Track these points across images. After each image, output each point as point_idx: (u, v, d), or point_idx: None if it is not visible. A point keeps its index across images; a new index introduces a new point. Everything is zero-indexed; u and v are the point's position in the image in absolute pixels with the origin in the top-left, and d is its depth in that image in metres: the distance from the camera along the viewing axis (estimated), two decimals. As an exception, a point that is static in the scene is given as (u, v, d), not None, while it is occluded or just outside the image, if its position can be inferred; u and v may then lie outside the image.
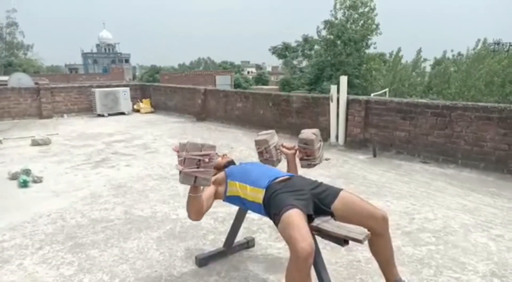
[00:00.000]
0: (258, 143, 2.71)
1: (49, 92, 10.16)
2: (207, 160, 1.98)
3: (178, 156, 1.99)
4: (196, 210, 2.11)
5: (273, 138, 2.72)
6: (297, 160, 2.65)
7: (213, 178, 2.29)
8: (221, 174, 2.35)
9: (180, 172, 1.98)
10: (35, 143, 6.55)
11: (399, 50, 25.42)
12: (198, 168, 1.97)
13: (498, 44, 27.67)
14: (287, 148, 2.64)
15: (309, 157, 2.58)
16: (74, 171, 4.96)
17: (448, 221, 3.28)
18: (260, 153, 2.72)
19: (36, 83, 10.83)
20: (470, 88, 20.82)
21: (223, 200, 2.36)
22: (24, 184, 4.30)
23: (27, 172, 4.52)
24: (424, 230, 3.11)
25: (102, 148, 6.36)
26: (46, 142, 6.63)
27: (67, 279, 2.45)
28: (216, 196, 2.31)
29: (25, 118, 9.71)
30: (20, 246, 2.90)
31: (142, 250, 2.82)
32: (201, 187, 2.08)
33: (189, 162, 1.97)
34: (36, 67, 39.99)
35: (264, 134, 2.73)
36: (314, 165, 2.63)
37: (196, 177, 1.97)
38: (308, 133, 2.60)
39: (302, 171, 2.61)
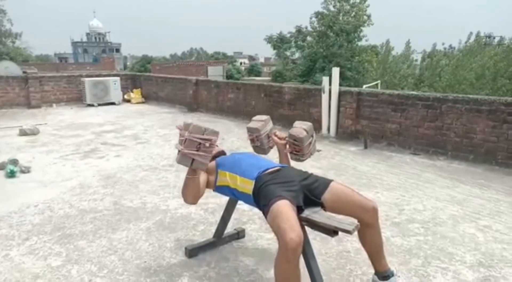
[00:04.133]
0: (250, 130, 2.65)
1: (38, 81, 9.97)
2: (207, 144, 1.97)
3: (180, 135, 1.98)
4: (193, 192, 2.12)
5: (266, 126, 2.64)
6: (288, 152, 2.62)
7: None
8: (211, 164, 2.34)
9: (179, 151, 1.96)
10: (23, 133, 6.45)
11: (387, 41, 25.46)
12: (197, 151, 1.96)
13: (490, 37, 27.85)
14: (278, 138, 2.58)
15: (298, 153, 2.53)
16: (63, 161, 4.90)
17: (436, 212, 3.31)
18: (251, 140, 2.68)
19: (24, 72, 10.64)
20: (461, 81, 20.97)
21: (213, 190, 2.35)
22: (12, 174, 4.23)
23: (14, 162, 4.45)
24: (413, 221, 3.14)
25: (92, 138, 6.28)
26: (34, 132, 6.53)
27: (54, 270, 2.42)
28: (207, 185, 2.30)
29: (12, 108, 9.54)
30: (6, 237, 2.86)
31: (131, 241, 2.80)
32: (198, 171, 2.07)
33: (190, 144, 1.95)
34: (25, 55, 39.23)
35: (257, 121, 2.65)
36: (303, 160, 2.57)
37: (193, 159, 1.96)
38: (299, 129, 2.51)
39: (293, 162, 2.59)
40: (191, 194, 2.14)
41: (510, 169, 4.51)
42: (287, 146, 2.55)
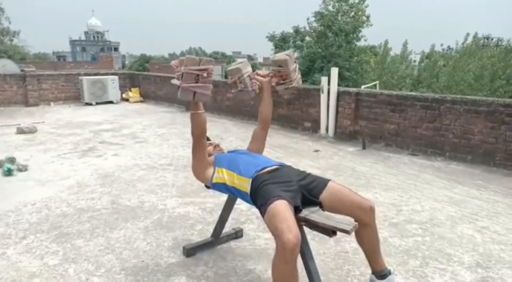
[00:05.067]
0: (230, 72, 2.45)
1: (36, 79, 9.94)
2: (205, 74, 1.94)
3: (176, 72, 1.96)
4: (201, 127, 2.16)
5: (246, 67, 2.48)
6: (275, 90, 2.55)
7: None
8: (211, 158, 2.34)
9: (179, 87, 1.94)
10: (20, 131, 6.42)
11: (386, 42, 25.46)
12: (196, 83, 1.94)
13: (488, 38, 27.92)
14: (262, 76, 2.52)
15: (285, 81, 2.44)
16: (61, 160, 4.88)
17: (434, 213, 3.31)
18: (234, 84, 2.47)
19: (22, 70, 10.59)
20: (458, 82, 21.01)
21: (209, 187, 2.33)
22: (9, 173, 4.21)
23: (11, 160, 4.43)
24: (411, 222, 3.14)
25: (90, 137, 6.26)
26: (31, 130, 6.50)
27: (51, 269, 2.41)
28: (204, 179, 2.29)
29: (10, 106, 9.50)
30: (3, 236, 2.84)
31: (129, 240, 2.79)
32: (201, 103, 2.08)
33: (187, 77, 1.93)
34: (23, 54, 39.05)
35: (236, 63, 2.52)
36: (292, 88, 2.49)
37: (195, 92, 1.94)
38: (280, 54, 2.43)
39: (290, 161, 2.59)
40: (199, 129, 2.17)
41: (508, 170, 4.52)
42: (272, 78, 2.49)
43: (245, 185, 2.10)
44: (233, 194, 2.26)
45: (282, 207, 1.83)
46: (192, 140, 2.24)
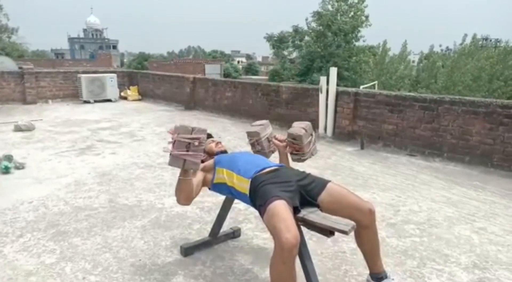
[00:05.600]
0: (249, 134, 2.65)
1: (34, 77, 9.90)
2: (196, 143, 1.97)
3: (171, 138, 1.99)
4: (185, 194, 2.12)
5: (266, 130, 2.64)
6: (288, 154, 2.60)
7: (202, 165, 2.27)
8: (210, 162, 2.34)
9: (170, 154, 1.97)
10: (18, 128, 6.41)
11: (385, 42, 25.51)
12: (187, 151, 1.97)
13: (486, 39, 27.99)
14: (279, 141, 2.58)
15: (298, 152, 2.52)
16: (58, 158, 4.86)
17: (432, 214, 3.32)
18: (252, 145, 2.67)
19: (20, 68, 10.55)
20: (456, 83, 21.07)
21: (210, 188, 2.34)
22: (6, 170, 4.20)
23: (9, 158, 4.41)
24: (409, 222, 3.14)
25: (88, 135, 6.25)
26: (29, 128, 6.48)
27: (48, 267, 2.40)
28: (204, 183, 2.30)
29: (8, 103, 9.46)
30: (0, 234, 2.83)
31: (126, 239, 2.78)
32: (191, 171, 2.08)
33: (179, 145, 1.96)
34: (21, 51, 38.92)
35: (256, 125, 2.65)
36: (304, 160, 2.57)
37: (185, 160, 1.97)
38: (297, 128, 2.50)
39: (293, 163, 2.58)
40: (183, 195, 2.13)
41: (505, 172, 4.53)
42: (288, 147, 2.54)
43: (244, 185, 2.10)
44: (232, 195, 2.26)
45: (281, 207, 1.83)
46: (177, 200, 2.18)
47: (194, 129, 1.98)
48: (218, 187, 2.28)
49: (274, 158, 2.58)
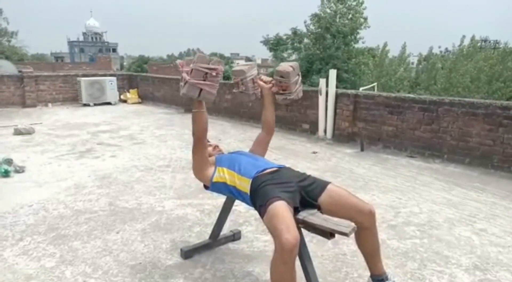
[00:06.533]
0: (235, 73, 2.49)
1: (33, 80, 9.91)
2: (214, 74, 1.96)
3: (182, 71, 1.97)
4: (202, 126, 2.14)
5: (251, 70, 2.50)
6: (275, 99, 2.56)
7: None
8: (212, 158, 2.34)
9: (186, 82, 1.95)
10: (17, 132, 6.40)
11: (385, 44, 25.58)
12: (204, 81, 1.95)
13: (485, 41, 28.05)
14: (264, 82, 2.52)
15: (284, 91, 2.46)
16: (58, 161, 4.86)
17: (432, 215, 3.31)
18: (236, 84, 2.50)
19: (20, 71, 10.56)
20: (455, 84, 21.09)
21: (208, 188, 2.32)
22: (6, 174, 4.19)
23: (8, 161, 4.41)
24: (409, 224, 3.14)
25: (87, 138, 6.24)
26: (29, 132, 6.48)
27: (48, 271, 2.39)
28: (204, 179, 2.28)
29: (7, 107, 9.46)
30: (-1, 237, 2.83)
31: (126, 242, 2.78)
32: (205, 103, 2.07)
33: (196, 74, 1.94)
34: (20, 54, 38.94)
35: (242, 65, 2.54)
36: (290, 100, 2.51)
37: (201, 89, 1.95)
38: (285, 65, 2.45)
39: (289, 163, 2.58)
40: (200, 127, 2.15)
41: (505, 173, 4.53)
42: (273, 86, 2.50)
43: (245, 185, 2.09)
44: (232, 194, 2.25)
45: (281, 208, 1.83)
46: (193, 139, 2.22)
47: (212, 59, 1.95)
48: (217, 186, 2.26)
49: (273, 158, 2.58)
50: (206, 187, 2.36)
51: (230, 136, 6.52)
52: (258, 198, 1.99)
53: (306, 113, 6.76)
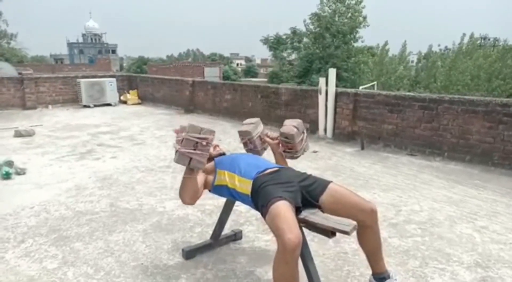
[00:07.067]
0: (241, 134, 2.66)
1: (33, 82, 9.91)
2: (204, 143, 2.02)
3: (177, 137, 2.03)
4: (190, 192, 2.14)
5: (257, 128, 2.64)
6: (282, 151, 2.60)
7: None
8: (210, 164, 2.33)
9: (177, 151, 2.00)
10: (18, 134, 6.41)
11: (386, 43, 25.59)
12: (194, 150, 2.01)
13: (485, 39, 28.05)
14: (271, 138, 2.59)
15: (291, 150, 2.53)
16: (59, 163, 4.86)
17: (433, 213, 3.31)
18: (244, 144, 2.67)
19: (20, 73, 10.57)
20: (454, 82, 21.10)
21: (210, 190, 2.33)
22: (7, 176, 4.20)
23: (9, 163, 4.41)
24: (410, 222, 3.14)
25: (88, 140, 6.25)
26: (29, 133, 6.48)
27: (50, 273, 2.40)
28: (205, 185, 2.30)
29: (8, 109, 9.46)
30: (1, 239, 2.83)
31: (128, 243, 2.78)
32: (196, 170, 2.11)
33: (187, 143, 2.00)
34: (20, 56, 38.94)
35: (247, 124, 2.65)
36: (297, 157, 2.58)
37: (191, 158, 2.00)
38: (289, 127, 2.52)
39: (290, 163, 2.59)
40: (188, 194, 2.15)
41: (506, 170, 4.53)
42: (280, 145, 2.55)
43: (246, 186, 2.10)
44: (233, 197, 2.26)
45: (283, 208, 1.83)
46: (182, 200, 2.21)
47: (203, 129, 2.03)
48: (218, 189, 2.28)
49: (268, 156, 2.59)
50: (208, 190, 2.37)
51: (230, 136, 6.52)
52: (260, 199, 1.99)
53: (306, 113, 6.76)
